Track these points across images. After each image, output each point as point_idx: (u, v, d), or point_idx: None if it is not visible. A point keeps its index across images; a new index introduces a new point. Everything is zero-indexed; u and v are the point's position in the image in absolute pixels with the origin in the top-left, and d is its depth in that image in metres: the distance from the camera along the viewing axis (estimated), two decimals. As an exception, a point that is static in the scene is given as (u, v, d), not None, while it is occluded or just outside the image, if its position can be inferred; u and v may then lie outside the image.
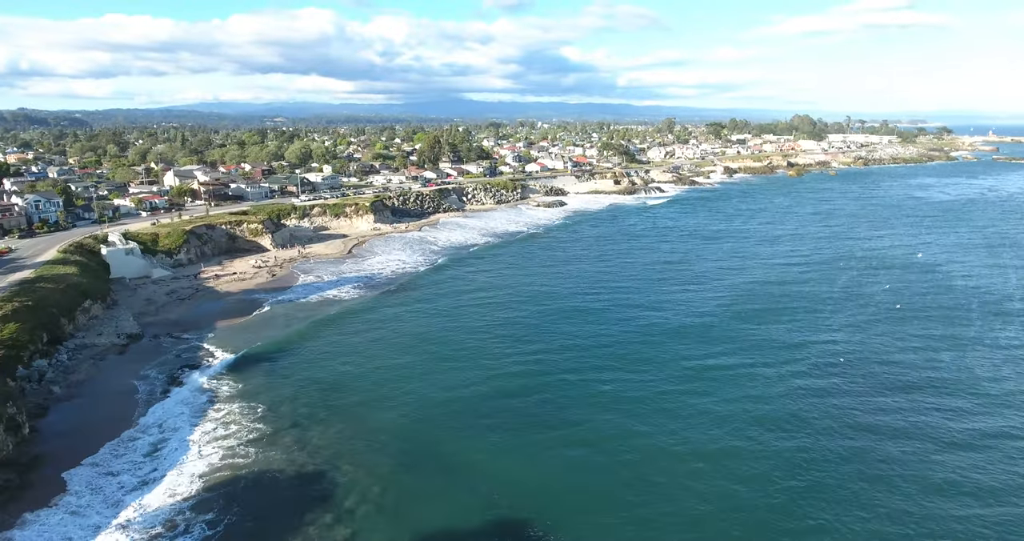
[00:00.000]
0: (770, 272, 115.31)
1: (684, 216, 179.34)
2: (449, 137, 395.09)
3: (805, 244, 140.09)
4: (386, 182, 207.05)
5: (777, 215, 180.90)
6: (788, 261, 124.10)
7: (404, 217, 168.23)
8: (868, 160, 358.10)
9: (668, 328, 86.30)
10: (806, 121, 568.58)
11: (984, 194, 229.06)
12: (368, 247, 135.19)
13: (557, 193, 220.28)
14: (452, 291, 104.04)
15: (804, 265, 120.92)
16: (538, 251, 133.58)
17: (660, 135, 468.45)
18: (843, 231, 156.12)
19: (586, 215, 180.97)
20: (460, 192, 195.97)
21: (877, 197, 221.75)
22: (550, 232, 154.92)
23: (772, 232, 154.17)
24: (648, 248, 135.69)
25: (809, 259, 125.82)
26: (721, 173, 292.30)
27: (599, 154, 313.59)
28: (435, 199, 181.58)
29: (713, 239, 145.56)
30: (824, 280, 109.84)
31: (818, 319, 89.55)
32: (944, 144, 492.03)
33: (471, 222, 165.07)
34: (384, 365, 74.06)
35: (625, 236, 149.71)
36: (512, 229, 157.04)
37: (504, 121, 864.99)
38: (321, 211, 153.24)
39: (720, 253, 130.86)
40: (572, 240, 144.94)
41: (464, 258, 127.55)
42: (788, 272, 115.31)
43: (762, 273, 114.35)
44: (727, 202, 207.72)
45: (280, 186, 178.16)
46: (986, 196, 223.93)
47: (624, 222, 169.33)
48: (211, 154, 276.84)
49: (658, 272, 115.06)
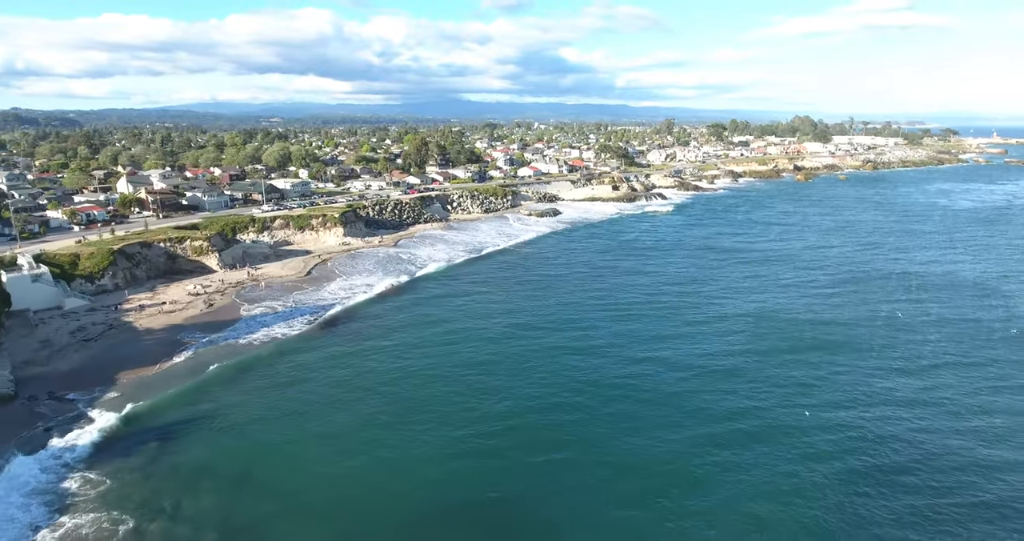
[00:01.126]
0: (797, 299, 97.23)
1: (690, 228, 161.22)
2: (441, 138, 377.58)
3: (832, 262, 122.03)
4: (365, 188, 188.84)
5: (793, 226, 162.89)
6: (816, 284, 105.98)
7: (379, 229, 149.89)
8: (877, 164, 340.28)
9: (683, 373, 68.58)
10: (807, 122, 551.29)
11: (1010, 201, 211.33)
12: (332, 267, 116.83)
13: (551, 200, 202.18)
14: (419, 324, 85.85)
15: (835, 289, 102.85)
16: (525, 272, 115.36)
17: (659, 136, 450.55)
18: (872, 246, 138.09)
19: (582, 226, 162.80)
20: (444, 200, 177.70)
21: (898, 205, 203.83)
22: (541, 247, 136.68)
23: (792, 247, 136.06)
24: (653, 269, 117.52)
25: (839, 281, 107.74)
26: (725, 177, 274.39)
27: (596, 157, 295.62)
28: (416, 208, 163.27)
29: (726, 257, 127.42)
30: (863, 308, 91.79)
31: (867, 362, 71.60)
32: (951, 146, 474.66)
33: (453, 235, 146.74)
34: (319, 431, 56.19)
35: (626, 253, 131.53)
36: (499, 244, 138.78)
37: (501, 122, 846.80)
38: (284, 223, 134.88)
39: (736, 275, 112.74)
40: (565, 258, 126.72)
41: (439, 281, 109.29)
42: (819, 299, 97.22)
43: (788, 300, 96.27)
44: (736, 211, 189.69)
45: (244, 194, 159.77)
46: (1013, 204, 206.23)
47: (624, 235, 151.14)
48: (187, 157, 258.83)
49: (666, 299, 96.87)
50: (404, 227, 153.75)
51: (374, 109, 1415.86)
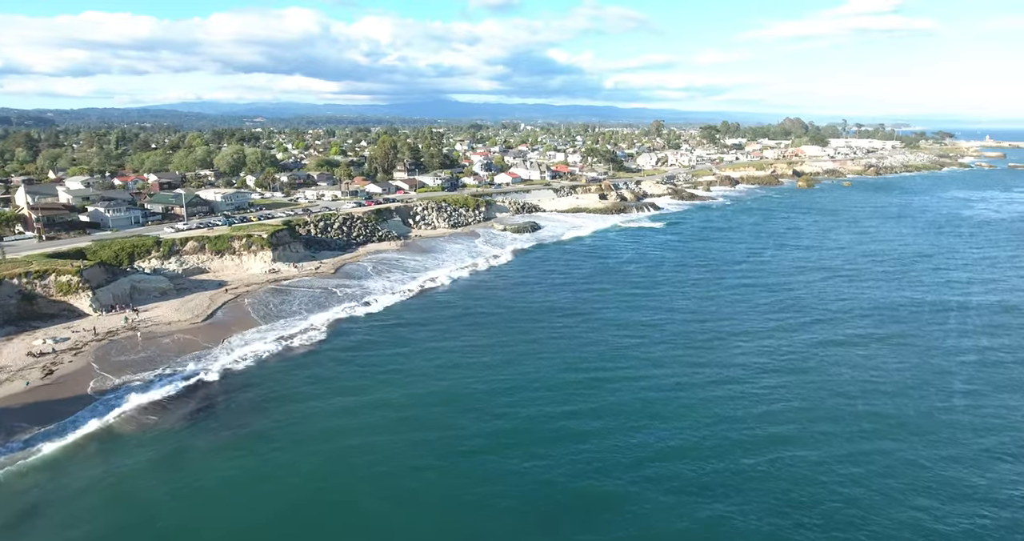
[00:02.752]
0: (845, 353, 72.39)
1: (690, 248, 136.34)
2: (420, 140, 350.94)
3: (870, 293, 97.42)
4: (316, 198, 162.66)
5: (810, 244, 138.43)
6: (862, 332, 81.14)
7: (322, 250, 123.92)
8: (880, 168, 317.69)
9: (702, 470, 43.61)
10: (798, 124, 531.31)
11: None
12: (247, 307, 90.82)
13: (530, 211, 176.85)
14: (343, 412, 60.19)
15: (885, 331, 78.15)
16: (489, 314, 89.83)
17: (648, 139, 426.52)
18: (911, 268, 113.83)
19: (564, 246, 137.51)
20: (406, 213, 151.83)
21: (921, 216, 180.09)
22: (512, 277, 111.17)
23: (815, 276, 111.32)
24: (649, 309, 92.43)
25: (889, 320, 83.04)
26: (722, 184, 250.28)
27: (583, 161, 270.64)
28: (369, 224, 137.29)
29: (738, 288, 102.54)
30: (932, 373, 67.17)
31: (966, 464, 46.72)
32: (948, 150, 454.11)
33: (409, 259, 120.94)
34: None
35: (617, 283, 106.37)
36: (462, 271, 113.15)
37: (488, 123, 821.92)
38: (197, 246, 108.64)
39: (756, 314, 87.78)
40: (542, 292, 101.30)
41: (376, 329, 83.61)
42: (870, 354, 72.40)
43: (837, 357, 71.37)
44: (739, 224, 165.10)
45: (166, 207, 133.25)
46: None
47: (614, 258, 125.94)
48: (133, 160, 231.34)
49: (671, 357, 71.82)
50: (352, 247, 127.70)
51: (361, 109, 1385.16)
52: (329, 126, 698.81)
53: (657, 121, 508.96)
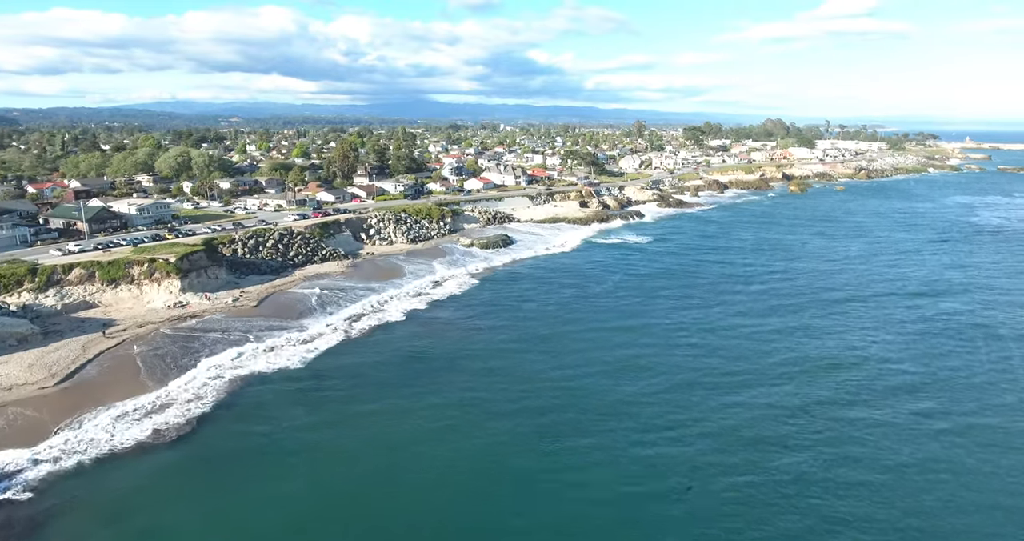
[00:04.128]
0: (902, 440, 53.59)
1: (685, 269, 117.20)
2: (393, 141, 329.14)
3: (916, 346, 78.95)
4: (258, 208, 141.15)
5: (824, 265, 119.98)
6: (924, 409, 62.43)
7: (249, 274, 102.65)
8: (871, 171, 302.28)
9: None
10: (779, 125, 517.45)
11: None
12: (126, 360, 69.69)
13: (503, 221, 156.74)
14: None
15: (951, 406, 59.52)
16: (440, 367, 69.70)
17: (630, 140, 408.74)
18: (951, 295, 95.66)
19: (540, 266, 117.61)
20: (359, 225, 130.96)
21: (929, 224, 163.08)
22: (477, 310, 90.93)
23: (837, 309, 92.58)
24: (641, 370, 72.98)
25: (963, 390, 64.48)
26: (710, 189, 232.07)
27: (562, 164, 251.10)
28: (312, 240, 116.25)
29: (750, 328, 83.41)
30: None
31: None
32: (933, 151, 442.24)
33: (354, 286, 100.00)
34: None
35: (601, 318, 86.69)
36: (418, 302, 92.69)
37: (468, 123, 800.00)
38: (85, 274, 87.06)
39: (776, 367, 68.79)
40: (512, 333, 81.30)
41: (287, 394, 63.03)
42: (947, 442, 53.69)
43: (899, 450, 52.52)
44: (737, 238, 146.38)
45: (67, 222, 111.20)
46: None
47: (598, 283, 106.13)
48: (68, 164, 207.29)
49: (663, 428, 52.45)
50: (288, 270, 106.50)
51: (340, 109, 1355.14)
52: (305, 126, 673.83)
53: (639, 122, 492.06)
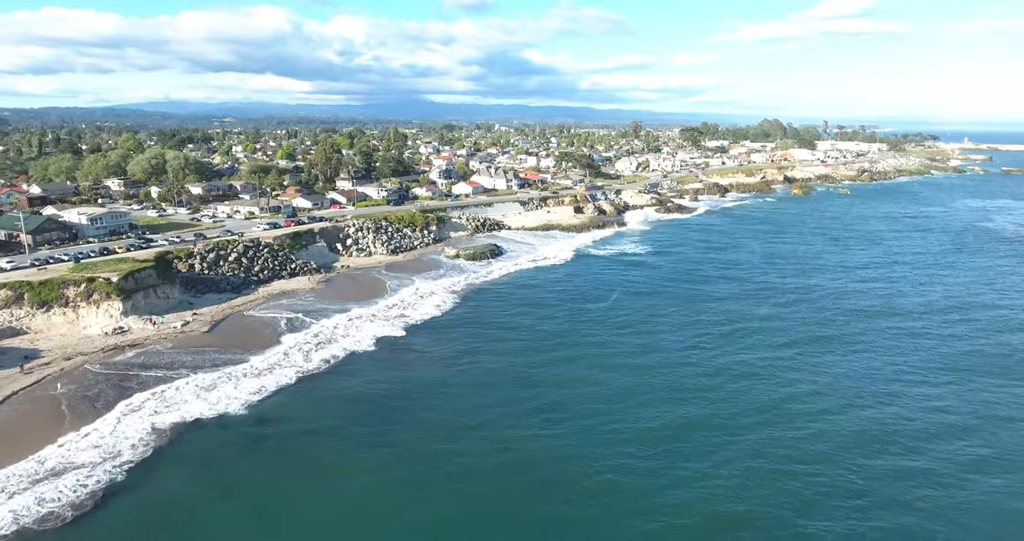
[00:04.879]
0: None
1: (686, 282, 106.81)
2: (386, 141, 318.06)
3: (968, 385, 68.72)
4: (228, 216, 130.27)
5: (838, 278, 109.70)
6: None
7: (208, 292, 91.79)
8: (874, 173, 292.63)
9: None
10: (776, 126, 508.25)
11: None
12: (46, 401, 58.91)
13: (492, 229, 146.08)
14: None
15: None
16: (408, 411, 59.16)
17: (626, 141, 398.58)
18: (993, 313, 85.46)
19: (530, 282, 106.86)
20: (335, 235, 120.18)
21: (943, 230, 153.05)
22: (458, 339, 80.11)
23: (865, 339, 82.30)
24: (637, 407, 62.58)
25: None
26: (709, 192, 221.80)
27: (556, 166, 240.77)
28: (281, 252, 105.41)
29: (764, 366, 72.98)
30: None
31: None
32: (934, 153, 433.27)
33: (322, 306, 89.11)
34: None
35: (602, 351, 76.15)
36: (393, 327, 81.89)
37: (463, 123, 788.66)
38: (12, 297, 76.23)
39: (794, 419, 58.47)
40: (490, 371, 70.52)
41: (233, 450, 52.39)
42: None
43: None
44: (744, 247, 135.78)
45: (9, 234, 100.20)
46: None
47: (595, 303, 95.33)
48: (38, 166, 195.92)
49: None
50: (251, 287, 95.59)
51: (334, 110, 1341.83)
52: (299, 127, 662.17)
53: (635, 122, 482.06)
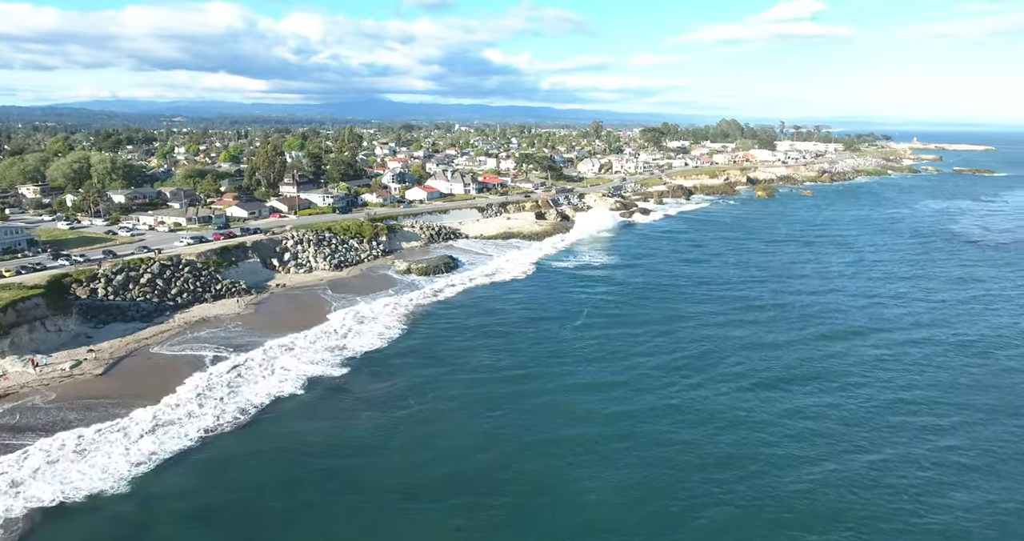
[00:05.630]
0: None
1: (658, 297, 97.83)
2: (341, 142, 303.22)
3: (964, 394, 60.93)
4: (151, 228, 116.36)
5: (819, 292, 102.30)
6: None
7: (111, 322, 78.66)
8: (834, 174, 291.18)
9: None
10: (735, 126, 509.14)
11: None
12: None
13: (448, 238, 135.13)
14: None
15: None
16: (335, 488, 48.14)
17: (588, 141, 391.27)
18: (981, 328, 78.54)
19: (487, 300, 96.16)
20: (271, 249, 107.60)
21: (911, 234, 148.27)
22: (394, 376, 68.94)
23: (859, 372, 74.34)
24: (612, 466, 52.84)
25: None
26: (674, 194, 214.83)
27: (517, 168, 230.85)
28: (205, 271, 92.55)
29: (752, 403, 64.16)
30: None
31: None
32: (887, 152, 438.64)
33: (246, 338, 76.95)
34: None
35: (559, 385, 66.19)
36: (328, 364, 70.34)
37: (424, 123, 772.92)
38: None
39: (794, 475, 49.59)
40: (439, 416, 59.94)
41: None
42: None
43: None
44: (713, 255, 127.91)
45: None
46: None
47: (556, 325, 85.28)
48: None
49: None
50: (166, 314, 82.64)
51: (291, 109, 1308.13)
52: (253, 126, 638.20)
53: (596, 122, 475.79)
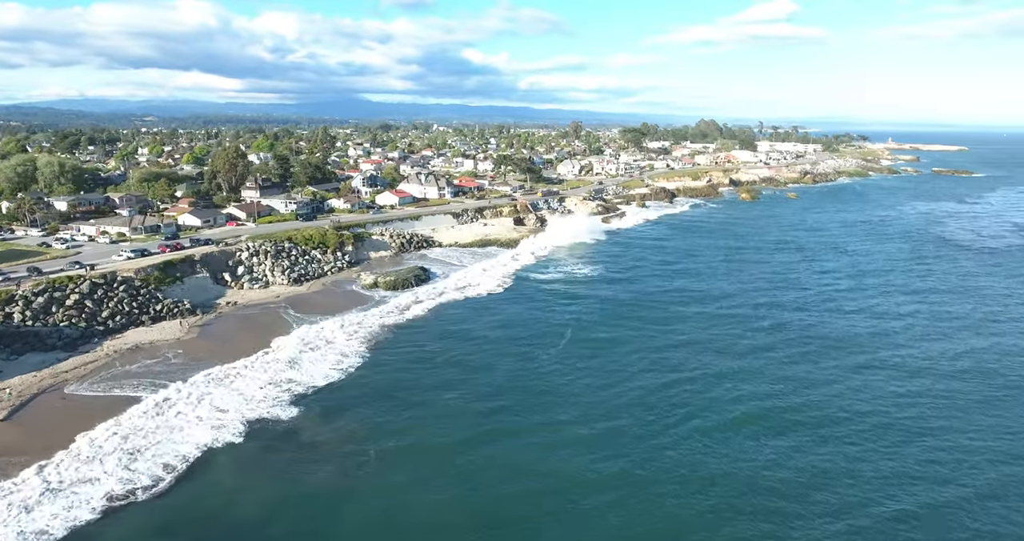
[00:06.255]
0: None
1: (648, 314, 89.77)
2: (314, 143, 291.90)
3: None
4: (90, 239, 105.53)
5: (819, 305, 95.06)
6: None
7: (27, 352, 68.19)
8: (816, 176, 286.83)
9: None
10: (713, 126, 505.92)
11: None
12: None
13: (420, 247, 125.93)
14: None
15: None
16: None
17: (567, 142, 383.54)
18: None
19: (460, 319, 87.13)
20: (222, 263, 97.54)
21: (905, 239, 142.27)
22: (349, 420, 59.72)
23: (870, 411, 66.83)
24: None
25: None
26: (656, 197, 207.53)
27: (495, 170, 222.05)
28: (143, 290, 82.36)
29: (757, 449, 56.22)
30: None
31: None
32: (865, 153, 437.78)
33: (186, 369, 67.22)
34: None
35: (542, 433, 57.77)
36: (263, 402, 60.97)
37: (402, 123, 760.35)
38: None
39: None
40: (392, 488, 51.19)
41: None
42: None
43: None
44: (703, 264, 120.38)
45: None
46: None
47: (539, 350, 76.14)
48: None
49: None
50: (94, 341, 72.24)
51: (267, 109, 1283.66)
52: (227, 126, 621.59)
53: (575, 122, 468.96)
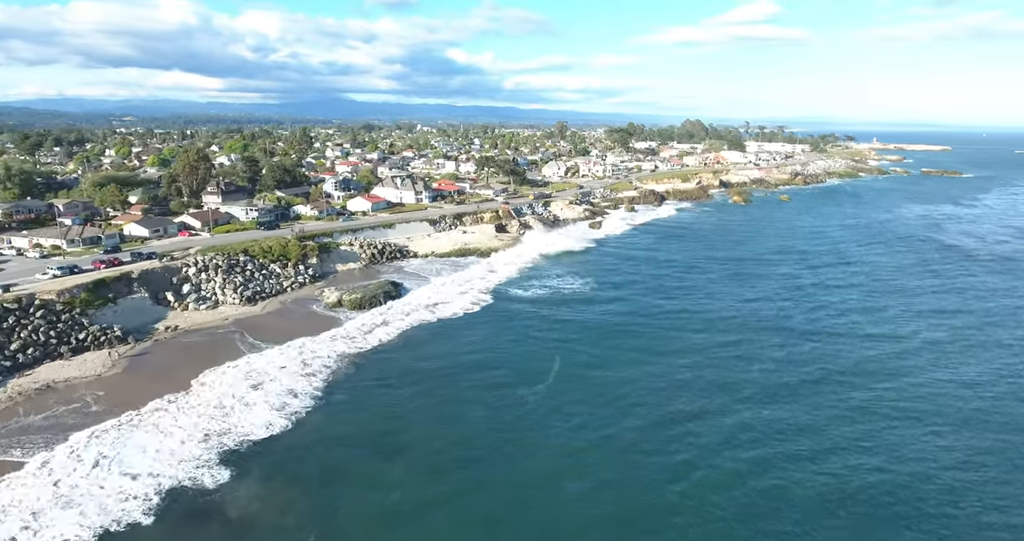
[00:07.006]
0: None
1: (646, 339, 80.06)
2: (292, 144, 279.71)
3: None
4: (17, 252, 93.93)
5: (831, 330, 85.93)
6: None
7: (-90, 397, 57.13)
8: (806, 177, 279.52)
9: None
10: (699, 126, 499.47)
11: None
12: None
13: (394, 257, 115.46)
14: None
15: None
16: None
17: (552, 142, 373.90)
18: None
19: (432, 346, 76.96)
20: (165, 280, 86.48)
21: (907, 245, 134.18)
22: (289, 482, 49.66)
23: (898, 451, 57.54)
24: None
25: None
26: (645, 200, 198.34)
27: (478, 171, 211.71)
28: (64, 316, 71.24)
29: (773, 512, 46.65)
30: None
31: None
32: (852, 153, 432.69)
33: (98, 418, 56.42)
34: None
35: (531, 515, 47.89)
36: (194, 459, 50.48)
37: (386, 123, 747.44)
38: None
39: None
40: None
41: None
42: None
43: None
44: (700, 277, 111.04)
45: None
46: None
47: (523, 387, 66.31)
48: None
49: None
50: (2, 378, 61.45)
51: (249, 109, 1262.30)
52: (208, 126, 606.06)
53: (560, 122, 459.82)
